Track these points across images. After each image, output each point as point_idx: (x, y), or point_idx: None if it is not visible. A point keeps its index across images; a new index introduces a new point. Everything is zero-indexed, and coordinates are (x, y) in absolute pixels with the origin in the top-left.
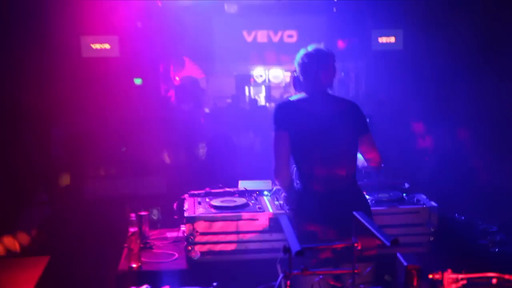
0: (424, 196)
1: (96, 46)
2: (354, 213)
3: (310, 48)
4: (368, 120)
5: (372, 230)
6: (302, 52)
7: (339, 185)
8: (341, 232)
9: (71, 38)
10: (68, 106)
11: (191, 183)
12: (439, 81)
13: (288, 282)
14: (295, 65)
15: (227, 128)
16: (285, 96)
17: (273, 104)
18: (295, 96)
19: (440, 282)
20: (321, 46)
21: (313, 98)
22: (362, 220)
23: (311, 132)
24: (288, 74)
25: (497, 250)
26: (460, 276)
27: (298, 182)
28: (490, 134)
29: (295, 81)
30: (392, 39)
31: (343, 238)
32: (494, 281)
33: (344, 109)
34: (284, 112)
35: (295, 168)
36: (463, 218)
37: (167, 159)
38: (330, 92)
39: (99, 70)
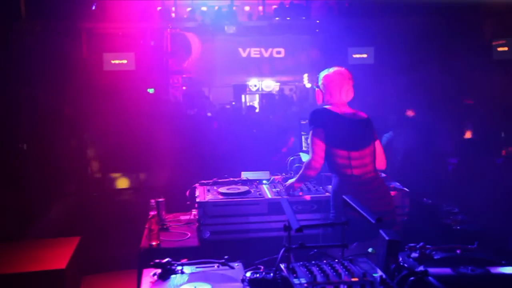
0: (398, 183)
1: (116, 61)
2: (344, 196)
3: (332, 70)
4: None
5: (360, 210)
6: (324, 73)
7: (367, 174)
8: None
9: (95, 55)
10: (91, 111)
11: (197, 175)
12: (403, 87)
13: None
14: (319, 83)
15: (230, 128)
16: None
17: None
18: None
19: (416, 252)
20: (342, 68)
21: (340, 108)
22: (351, 203)
23: (342, 130)
24: (278, 84)
25: (458, 227)
26: (432, 247)
27: (333, 171)
28: (449, 132)
29: (318, 95)
30: (364, 55)
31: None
32: (458, 251)
33: (364, 118)
34: (319, 114)
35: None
36: (430, 201)
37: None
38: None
39: (118, 81)
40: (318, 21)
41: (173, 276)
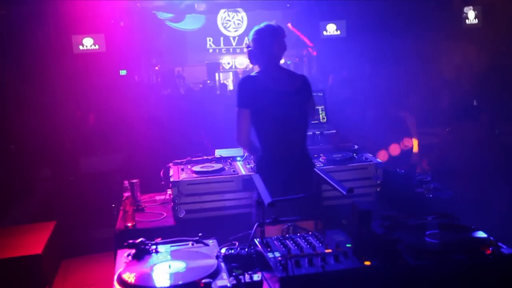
0: (370, 155)
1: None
2: (315, 169)
3: (263, 24)
4: (322, 94)
5: (331, 182)
6: (255, 28)
7: (293, 152)
8: (292, 188)
9: (64, 38)
10: (62, 95)
11: (171, 155)
12: (374, 59)
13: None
14: (250, 41)
15: (203, 106)
16: None
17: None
18: (254, 72)
19: (387, 221)
20: (273, 22)
21: (271, 73)
22: (322, 175)
23: (272, 108)
24: None
25: (431, 196)
26: (403, 216)
27: (260, 148)
28: (418, 102)
29: (250, 55)
30: (337, 29)
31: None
32: (430, 218)
33: (299, 85)
34: (247, 89)
35: (256, 137)
36: (403, 171)
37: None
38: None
39: (89, 64)
40: None
41: (147, 255)
